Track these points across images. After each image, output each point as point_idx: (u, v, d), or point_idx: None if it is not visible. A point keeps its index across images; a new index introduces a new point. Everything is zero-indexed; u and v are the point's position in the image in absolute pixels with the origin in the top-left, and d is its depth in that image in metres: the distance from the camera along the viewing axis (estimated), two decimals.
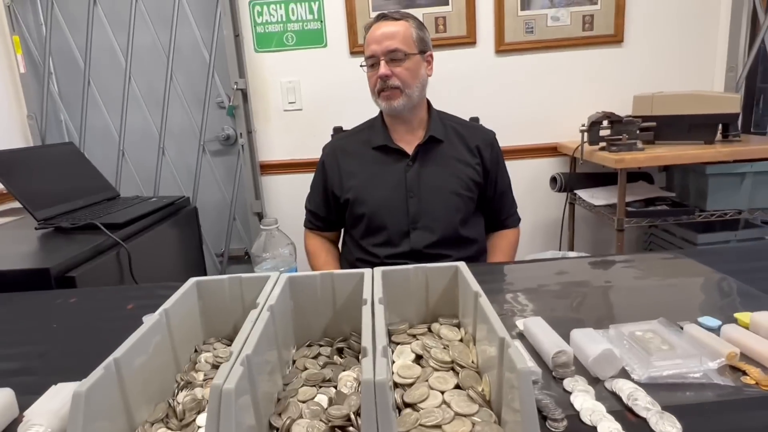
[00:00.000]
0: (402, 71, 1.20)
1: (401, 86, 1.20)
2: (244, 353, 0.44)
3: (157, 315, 0.55)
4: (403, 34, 1.20)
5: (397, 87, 1.20)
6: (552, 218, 2.19)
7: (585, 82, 2.09)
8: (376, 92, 1.24)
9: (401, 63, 1.20)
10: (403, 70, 1.20)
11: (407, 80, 1.21)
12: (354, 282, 0.65)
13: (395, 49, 1.19)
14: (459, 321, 0.65)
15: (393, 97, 1.21)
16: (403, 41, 1.20)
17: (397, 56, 1.19)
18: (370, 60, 1.22)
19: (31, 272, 1.07)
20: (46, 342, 0.78)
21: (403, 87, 1.20)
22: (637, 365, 0.58)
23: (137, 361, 0.49)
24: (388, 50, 1.19)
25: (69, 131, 2.22)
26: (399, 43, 1.19)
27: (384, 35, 1.19)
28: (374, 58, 1.21)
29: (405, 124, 1.28)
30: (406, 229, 1.24)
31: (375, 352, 0.43)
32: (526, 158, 2.14)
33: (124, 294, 1.00)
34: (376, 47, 1.20)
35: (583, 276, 0.92)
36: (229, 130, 2.20)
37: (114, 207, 1.56)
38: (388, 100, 1.22)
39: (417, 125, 1.29)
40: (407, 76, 1.20)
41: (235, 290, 0.66)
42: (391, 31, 1.20)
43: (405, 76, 1.20)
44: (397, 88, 1.20)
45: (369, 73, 1.24)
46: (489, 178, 1.31)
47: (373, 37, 1.21)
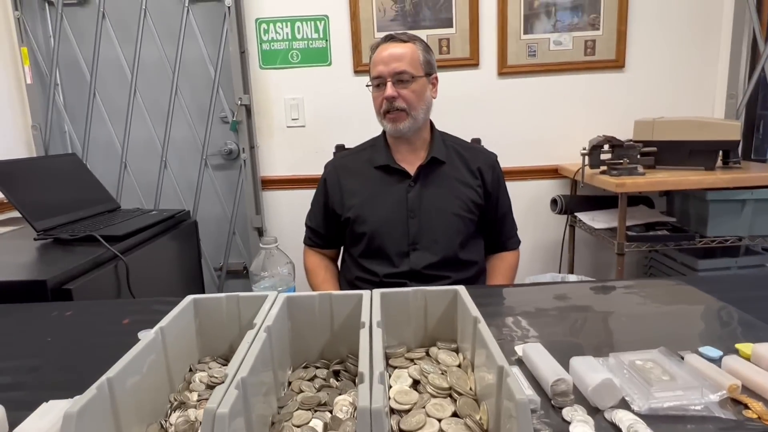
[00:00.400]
0: (408, 93, 1.20)
1: (407, 108, 1.20)
2: (239, 376, 0.44)
3: (152, 333, 0.54)
4: (411, 56, 1.21)
5: (403, 109, 1.20)
6: (552, 240, 2.19)
7: (586, 105, 2.11)
8: (381, 113, 1.24)
9: (408, 85, 1.20)
10: (410, 92, 1.20)
11: (413, 102, 1.21)
12: (352, 303, 0.65)
13: (402, 71, 1.19)
14: (457, 345, 0.64)
15: (399, 119, 1.21)
16: (411, 64, 1.20)
17: (403, 78, 1.20)
18: (377, 80, 1.22)
19: (28, 284, 1.06)
20: (39, 356, 0.77)
21: (408, 109, 1.21)
22: (638, 396, 0.57)
23: (130, 381, 0.48)
24: (396, 72, 1.19)
25: (72, 142, 2.23)
26: (406, 65, 1.19)
27: (392, 56, 1.20)
28: (381, 78, 1.21)
29: (408, 144, 1.28)
30: (406, 249, 1.24)
31: (372, 378, 0.43)
32: (527, 180, 2.15)
33: (120, 308, 0.99)
34: (383, 68, 1.20)
35: (583, 301, 0.92)
36: (232, 145, 2.21)
37: (114, 219, 1.56)
38: (393, 122, 1.22)
39: (420, 146, 1.29)
40: (413, 98, 1.21)
41: (233, 309, 0.66)
42: (398, 53, 1.20)
43: (411, 98, 1.21)
44: (403, 110, 1.20)
45: (375, 93, 1.25)
46: (490, 200, 1.31)
47: (381, 58, 1.21)
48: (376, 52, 1.24)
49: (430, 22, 2.05)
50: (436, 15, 2.05)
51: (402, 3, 2.04)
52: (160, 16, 2.11)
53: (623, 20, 2.02)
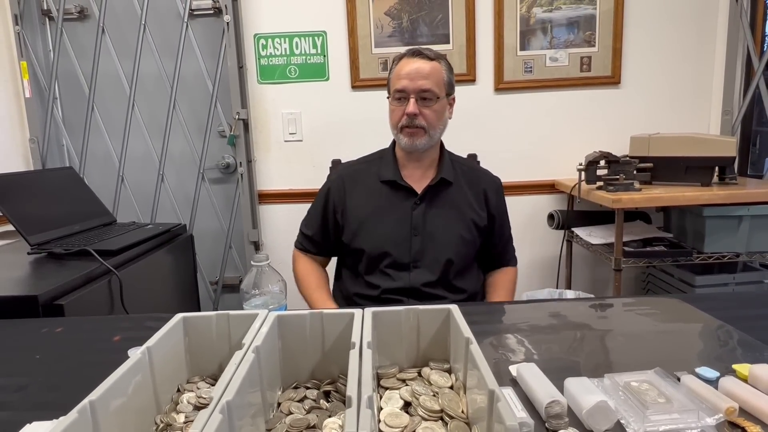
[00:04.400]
0: (430, 113, 1.19)
1: (426, 127, 1.19)
2: (225, 399, 0.43)
3: (139, 353, 0.53)
4: (437, 75, 1.19)
5: (422, 127, 1.19)
6: (549, 255, 2.18)
7: (582, 121, 2.12)
8: (398, 127, 1.22)
9: (430, 104, 1.19)
10: (431, 111, 1.19)
11: (433, 122, 1.20)
12: (344, 322, 0.64)
13: (428, 89, 1.17)
14: (450, 366, 0.63)
15: (416, 135, 1.20)
16: (436, 83, 1.19)
17: (427, 96, 1.18)
18: (399, 94, 1.20)
19: (19, 299, 1.05)
20: (27, 374, 0.76)
21: (428, 128, 1.19)
22: (633, 419, 0.56)
23: (114, 403, 0.47)
24: (421, 89, 1.17)
25: (70, 156, 2.23)
26: (432, 84, 1.18)
27: (418, 73, 1.18)
28: (404, 93, 1.19)
29: (417, 161, 1.27)
30: (406, 266, 1.23)
31: (360, 402, 0.42)
32: (523, 195, 2.15)
33: (111, 325, 0.98)
34: (408, 83, 1.18)
35: (579, 319, 0.91)
36: (229, 159, 2.21)
37: (109, 233, 1.55)
38: (411, 137, 1.20)
39: (429, 164, 1.28)
40: (434, 118, 1.20)
41: (223, 327, 0.65)
42: (425, 71, 1.18)
43: (432, 118, 1.19)
44: (422, 128, 1.19)
45: (394, 105, 1.22)
46: (494, 224, 1.31)
47: (406, 73, 1.18)
48: (400, 65, 1.21)
49: (427, 38, 2.07)
50: (433, 31, 2.07)
51: (399, 19, 2.06)
52: (159, 30, 2.13)
53: (618, 37, 2.04)
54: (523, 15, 2.05)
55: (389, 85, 1.25)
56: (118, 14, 2.14)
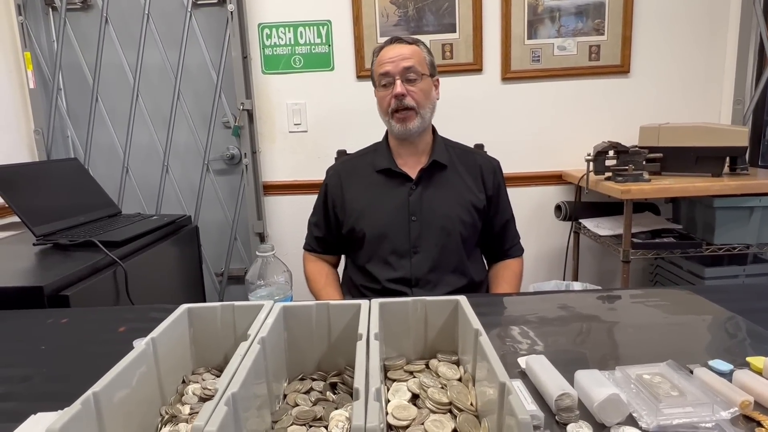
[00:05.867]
0: (416, 91, 1.20)
1: (416, 107, 1.20)
2: (230, 391, 0.42)
3: (143, 344, 0.53)
4: (417, 56, 1.22)
5: (412, 108, 1.20)
6: (556, 247, 2.16)
7: (591, 111, 2.09)
8: (389, 113, 1.22)
9: (416, 83, 1.20)
10: (418, 90, 1.20)
11: (421, 101, 1.21)
12: (350, 313, 0.63)
13: (410, 67, 1.19)
14: (458, 358, 0.62)
15: (408, 119, 1.21)
16: (418, 63, 1.21)
17: (411, 76, 1.20)
18: (384, 79, 1.21)
19: (24, 290, 1.05)
20: (32, 365, 0.76)
21: (417, 107, 1.20)
22: (646, 412, 0.55)
23: (119, 395, 0.46)
24: (404, 68, 1.19)
25: (75, 147, 2.23)
26: (414, 62, 1.20)
27: (399, 56, 1.20)
28: (389, 77, 1.20)
29: (411, 147, 1.27)
30: (407, 253, 1.22)
31: (367, 394, 0.41)
32: (530, 186, 2.13)
33: (117, 315, 0.97)
34: (390, 66, 1.20)
35: (588, 310, 0.90)
36: (234, 150, 2.20)
37: (114, 224, 1.54)
38: (403, 122, 1.21)
39: (422, 149, 1.28)
40: (421, 96, 1.21)
41: (228, 318, 0.64)
42: (406, 53, 1.20)
43: (419, 96, 1.20)
44: (412, 109, 1.20)
45: (381, 93, 1.23)
46: (491, 204, 1.29)
47: (387, 57, 1.21)
48: (381, 54, 1.24)
49: (434, 27, 2.04)
50: (439, 20, 2.04)
51: (405, 8, 2.03)
52: (163, 21, 2.11)
53: (628, 25, 2.01)
54: (530, 3, 2.02)
55: (373, 76, 1.26)
56: (121, 4, 2.12)
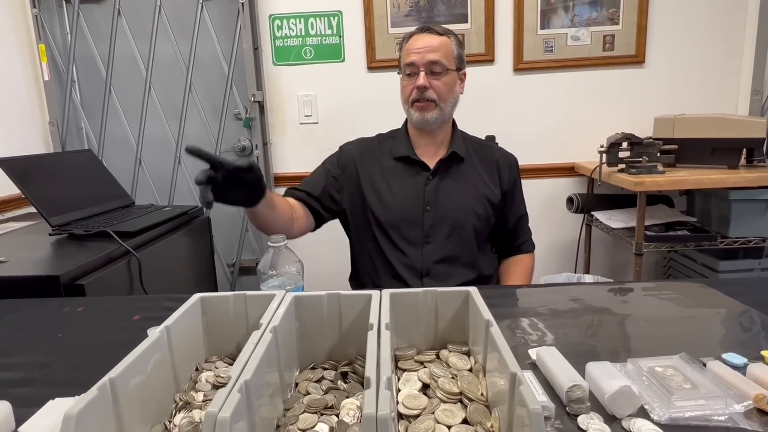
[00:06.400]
0: (440, 85, 1.19)
1: (436, 100, 1.19)
2: (243, 379, 0.43)
3: (158, 332, 0.53)
4: (445, 49, 1.19)
5: (432, 100, 1.19)
6: (568, 240, 2.15)
7: (604, 102, 2.06)
8: (409, 102, 1.22)
9: (440, 77, 1.19)
10: (441, 84, 1.19)
11: (443, 94, 1.20)
12: (361, 304, 0.63)
13: (437, 61, 1.18)
14: (469, 348, 0.63)
15: (427, 109, 1.20)
16: (445, 56, 1.19)
17: (436, 69, 1.18)
18: (409, 68, 1.20)
19: (41, 279, 1.07)
20: (49, 352, 0.77)
21: (438, 101, 1.19)
22: (657, 404, 0.54)
23: (134, 381, 0.47)
24: (430, 62, 1.18)
25: (89, 139, 2.25)
26: (441, 56, 1.18)
27: (427, 47, 1.18)
28: (414, 67, 1.19)
29: (429, 138, 1.26)
30: (418, 243, 1.22)
31: (379, 383, 0.41)
32: (542, 178, 2.11)
33: (131, 305, 0.99)
34: (416, 57, 1.18)
35: (599, 303, 0.89)
36: (245, 142, 2.20)
37: (128, 215, 1.56)
38: (421, 111, 1.20)
39: (441, 141, 1.27)
40: (444, 90, 1.20)
41: (240, 308, 0.65)
42: (434, 44, 1.19)
43: (442, 90, 1.19)
44: (432, 101, 1.19)
45: (405, 82, 1.23)
46: (506, 200, 1.29)
47: (415, 47, 1.19)
48: (410, 42, 1.22)
49: (445, 17, 2.02)
50: (450, 10, 2.02)
51: None
52: (175, 12, 2.12)
53: (643, 14, 1.97)
54: None
55: (400, 62, 1.25)
56: None
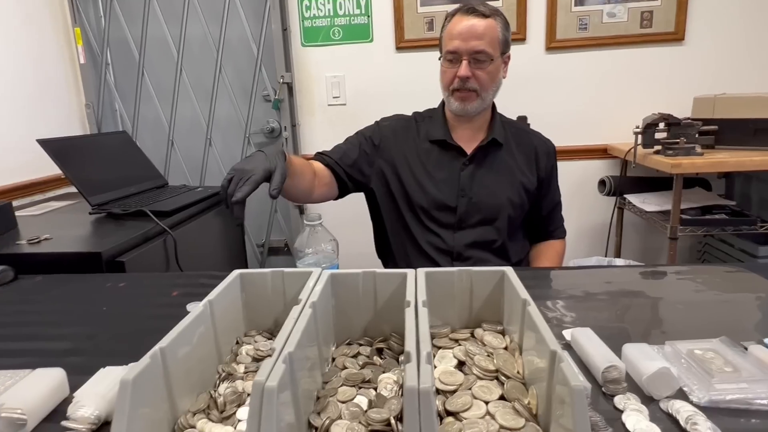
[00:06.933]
0: (483, 75, 1.13)
1: (479, 90, 1.15)
2: (287, 350, 0.44)
3: (201, 306, 0.55)
4: (491, 35, 1.12)
5: (474, 90, 1.14)
6: (598, 223, 2.11)
7: (641, 81, 2.00)
8: (449, 90, 1.17)
9: (484, 66, 1.13)
10: (485, 73, 1.14)
11: (486, 84, 1.15)
12: (397, 282, 0.64)
13: (481, 51, 1.11)
14: (503, 328, 0.63)
15: (468, 99, 1.15)
16: (490, 43, 1.12)
17: (480, 58, 1.12)
18: (451, 55, 1.14)
19: (84, 255, 1.11)
20: (95, 324, 0.81)
21: (480, 90, 1.15)
22: (697, 387, 0.54)
23: (181, 351, 0.49)
24: (474, 51, 1.11)
25: (123, 120, 2.30)
26: (486, 45, 1.11)
27: (471, 33, 1.11)
28: (456, 54, 1.13)
29: (468, 123, 1.23)
30: (450, 227, 1.21)
31: (419, 357, 0.42)
32: (573, 160, 2.07)
33: (169, 281, 1.02)
34: (460, 44, 1.12)
35: (634, 286, 0.88)
36: (274, 123, 2.22)
37: (162, 195, 1.60)
38: (462, 101, 1.16)
39: (480, 126, 1.24)
40: (487, 80, 1.14)
41: (278, 284, 0.66)
42: (479, 30, 1.11)
43: (485, 80, 1.14)
44: (474, 91, 1.15)
45: (445, 67, 1.17)
46: (542, 187, 1.27)
47: (458, 32, 1.12)
48: (452, 23, 1.15)
49: None
50: None
51: None
52: None
53: None
54: None
55: (441, 44, 1.19)
56: None
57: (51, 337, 0.76)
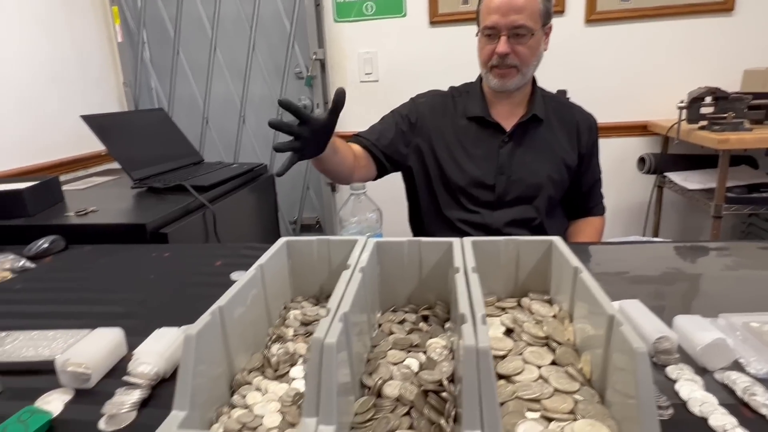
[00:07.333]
0: (523, 50, 1.10)
1: (519, 65, 1.11)
2: (342, 310, 0.45)
3: (253, 270, 0.56)
4: (531, 8, 1.08)
5: (514, 66, 1.11)
6: (636, 202, 2.06)
7: (686, 55, 1.91)
8: (487, 66, 1.14)
9: (524, 41, 1.09)
10: (525, 48, 1.09)
11: (526, 59, 1.11)
12: (442, 251, 0.64)
13: (521, 25, 1.07)
14: (550, 297, 0.62)
15: (508, 75, 1.12)
16: (530, 16, 1.08)
17: (521, 32, 1.08)
18: (489, 31, 1.11)
19: (130, 227, 1.15)
20: (145, 291, 0.83)
21: (520, 66, 1.11)
22: (755, 359, 0.53)
23: (237, 311, 0.51)
24: (514, 26, 1.07)
25: (159, 98, 2.35)
26: (526, 18, 1.07)
27: (510, 7, 1.06)
28: (494, 30, 1.09)
29: (507, 98, 1.20)
30: (490, 207, 1.20)
31: (475, 318, 0.42)
32: (612, 137, 2.01)
33: (212, 252, 1.05)
34: (499, 19, 1.08)
35: (679, 261, 0.86)
36: (306, 101, 2.23)
37: (199, 171, 1.64)
38: (501, 78, 1.13)
39: (519, 101, 1.21)
40: (527, 55, 1.10)
41: (323, 252, 0.67)
42: (518, 3, 1.06)
43: (525, 54, 1.10)
44: (514, 67, 1.11)
45: (483, 43, 1.14)
46: (583, 163, 1.24)
47: (496, 6, 1.07)
48: None
49: None
50: None
51: None
52: None
53: None
54: None
55: (478, 18, 1.16)
56: None
57: (105, 302, 0.80)
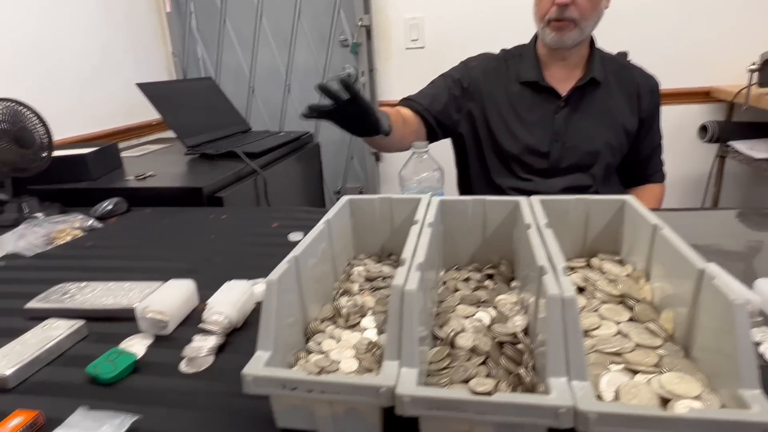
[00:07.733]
0: (584, 2, 1.04)
1: (578, 19, 1.05)
2: (417, 260, 0.45)
3: (322, 224, 0.57)
4: None
5: (573, 19, 1.05)
6: (696, 172, 1.96)
7: (756, 14, 1.78)
8: (545, 20, 1.08)
9: None
10: (587, 0, 1.04)
11: (587, 12, 1.05)
12: (507, 210, 0.63)
13: None
14: (622, 258, 0.60)
15: (566, 29, 1.06)
16: None
17: None
18: None
19: (187, 190, 1.18)
20: (208, 249, 0.86)
21: (579, 20, 1.05)
22: None
23: (309, 262, 0.51)
24: None
25: (206, 68, 2.38)
26: None
27: None
28: None
29: (563, 60, 1.14)
30: (543, 174, 1.16)
31: (556, 270, 0.41)
32: (671, 104, 1.91)
33: (267, 214, 1.07)
34: None
35: (747, 228, 0.81)
36: (351, 69, 2.21)
37: (248, 139, 1.66)
38: (559, 31, 1.07)
39: (576, 63, 1.15)
40: (588, 7, 1.05)
41: (386, 210, 0.67)
42: None
43: (586, 7, 1.04)
44: (572, 21, 1.05)
45: None
46: (642, 128, 1.18)
47: None
48: None
49: None
50: None
51: None
52: None
53: None
54: None
55: None
56: None
57: (171, 258, 0.83)
